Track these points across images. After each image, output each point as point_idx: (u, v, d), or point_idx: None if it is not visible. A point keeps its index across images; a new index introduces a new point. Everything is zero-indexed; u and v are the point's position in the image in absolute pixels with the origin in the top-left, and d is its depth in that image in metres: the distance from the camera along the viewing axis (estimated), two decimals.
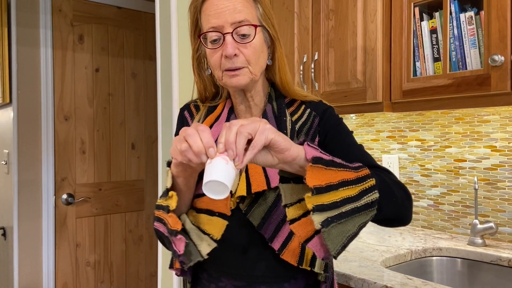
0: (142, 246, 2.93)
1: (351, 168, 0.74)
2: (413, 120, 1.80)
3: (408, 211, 0.84)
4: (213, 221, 0.85)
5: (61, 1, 2.60)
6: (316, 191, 0.69)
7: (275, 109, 0.97)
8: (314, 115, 0.97)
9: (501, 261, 1.35)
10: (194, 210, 0.89)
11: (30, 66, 2.55)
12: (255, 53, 0.90)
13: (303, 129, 0.95)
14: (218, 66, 0.91)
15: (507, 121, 1.52)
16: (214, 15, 0.87)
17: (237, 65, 0.89)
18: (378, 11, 1.51)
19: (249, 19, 0.89)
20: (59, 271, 2.59)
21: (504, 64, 1.20)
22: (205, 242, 0.82)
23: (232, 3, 0.87)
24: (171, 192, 0.78)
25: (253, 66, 0.91)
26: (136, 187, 2.91)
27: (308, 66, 1.77)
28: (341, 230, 0.70)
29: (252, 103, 0.99)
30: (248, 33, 0.88)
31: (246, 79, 0.91)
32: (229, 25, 0.87)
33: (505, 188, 1.52)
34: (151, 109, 2.96)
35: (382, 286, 1.11)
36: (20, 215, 2.51)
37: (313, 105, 1.00)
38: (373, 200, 0.73)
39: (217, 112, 1.00)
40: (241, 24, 0.87)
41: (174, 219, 0.79)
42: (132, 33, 2.89)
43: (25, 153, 2.53)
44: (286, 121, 0.95)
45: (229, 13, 0.87)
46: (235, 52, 0.88)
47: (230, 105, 1.01)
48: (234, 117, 1.00)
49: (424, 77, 1.43)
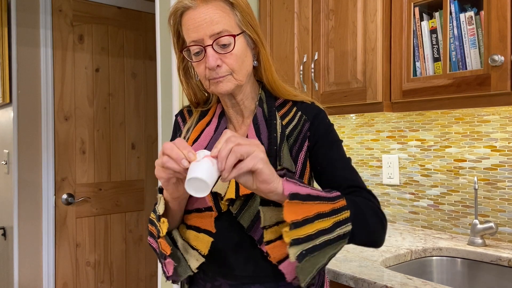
0: (142, 246, 2.93)
1: (327, 200, 0.78)
2: (413, 120, 1.80)
3: (380, 238, 0.87)
4: (199, 237, 0.90)
5: (61, 1, 2.60)
6: (294, 226, 0.74)
7: (266, 112, 0.98)
8: (304, 119, 0.97)
9: (501, 261, 1.35)
10: (184, 226, 0.94)
11: (30, 66, 2.55)
12: (238, 61, 0.91)
13: (293, 133, 0.95)
14: (204, 77, 0.93)
15: (507, 121, 1.52)
16: (193, 29, 0.88)
17: (221, 74, 0.90)
18: (378, 11, 1.51)
19: (228, 28, 0.89)
20: (59, 271, 2.59)
21: (504, 64, 1.20)
22: (193, 257, 0.89)
23: (209, 15, 0.87)
24: (162, 219, 0.83)
25: (237, 73, 0.92)
26: (136, 187, 2.91)
27: (308, 66, 1.77)
28: (313, 262, 0.76)
29: (242, 106, 1.00)
30: (228, 42, 0.89)
31: (230, 85, 0.92)
32: (208, 37, 0.87)
33: (505, 188, 1.52)
34: (151, 109, 2.96)
35: (382, 286, 1.11)
36: (20, 215, 2.51)
37: (304, 107, 0.99)
38: (345, 232, 0.78)
39: (208, 117, 1.02)
40: (219, 35, 0.88)
41: (164, 244, 0.85)
42: (132, 33, 2.89)
43: (25, 153, 2.53)
44: (276, 124, 0.95)
45: (206, 25, 0.87)
46: (217, 64, 0.89)
47: (220, 109, 1.02)
48: (225, 120, 1.01)
49: (424, 77, 1.43)
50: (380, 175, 1.92)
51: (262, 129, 0.95)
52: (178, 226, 0.94)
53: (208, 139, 0.97)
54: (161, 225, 0.84)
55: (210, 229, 0.90)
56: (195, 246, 0.90)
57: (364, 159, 1.99)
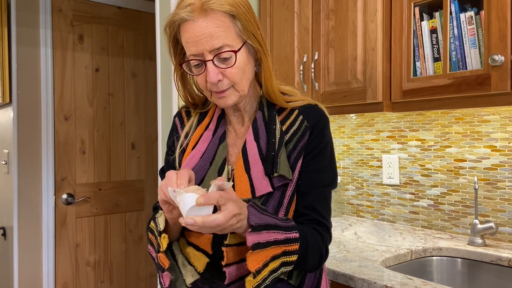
0: (142, 246, 2.93)
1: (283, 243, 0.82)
2: (413, 120, 1.80)
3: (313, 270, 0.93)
4: (197, 256, 0.91)
5: (61, 1, 2.60)
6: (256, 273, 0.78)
7: (266, 116, 0.97)
8: (306, 125, 0.96)
9: (501, 261, 1.35)
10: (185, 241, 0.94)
11: (30, 66, 2.55)
12: (239, 73, 0.89)
13: (293, 139, 0.95)
14: (205, 88, 0.92)
15: (507, 121, 1.52)
16: (193, 43, 0.86)
17: (222, 88, 0.89)
18: (378, 11, 1.51)
19: (228, 42, 0.86)
20: (59, 271, 2.59)
21: (504, 64, 1.20)
22: (189, 273, 0.90)
23: (208, 29, 0.84)
24: (163, 234, 0.85)
25: (239, 85, 0.90)
26: (136, 187, 2.91)
27: (308, 66, 1.77)
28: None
29: (243, 112, 1.00)
30: (229, 56, 0.87)
31: (234, 98, 0.92)
32: (208, 52, 0.85)
33: (505, 188, 1.52)
34: (151, 109, 2.96)
35: (382, 286, 1.11)
36: (20, 215, 2.51)
37: (307, 111, 0.98)
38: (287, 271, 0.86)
39: (206, 120, 1.01)
40: (220, 50, 0.86)
41: (164, 258, 0.86)
42: (132, 33, 2.89)
43: (25, 153, 2.53)
44: (275, 129, 0.94)
45: (206, 41, 0.84)
46: (218, 79, 0.87)
47: (219, 112, 1.01)
48: (224, 123, 1.00)
49: (424, 77, 1.43)
50: (380, 175, 1.92)
51: (261, 133, 0.95)
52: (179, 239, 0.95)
53: (206, 144, 0.97)
54: (162, 240, 0.84)
55: (207, 249, 0.91)
56: (192, 263, 0.91)
57: (364, 159, 1.99)
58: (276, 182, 0.91)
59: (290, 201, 0.93)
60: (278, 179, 0.91)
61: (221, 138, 0.98)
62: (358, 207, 2.01)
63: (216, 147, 0.97)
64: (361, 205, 2.00)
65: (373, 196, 1.95)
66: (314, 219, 0.93)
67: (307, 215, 0.93)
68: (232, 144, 1.00)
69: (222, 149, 0.97)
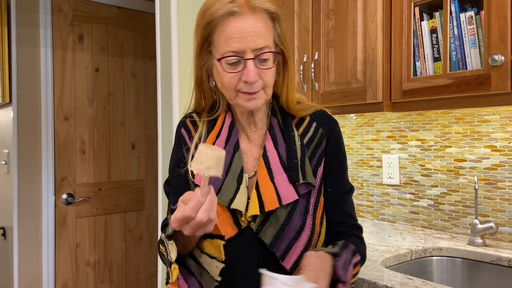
0: (142, 246, 2.92)
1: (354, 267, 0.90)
2: (413, 120, 1.80)
3: None
4: (213, 243, 0.90)
5: (61, 1, 2.60)
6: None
7: (281, 123, 0.97)
8: (321, 132, 0.97)
9: (501, 261, 1.35)
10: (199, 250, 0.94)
11: (30, 66, 2.55)
12: (273, 77, 0.90)
13: (310, 146, 0.95)
14: (233, 88, 0.88)
15: (507, 121, 1.52)
16: (237, 39, 0.83)
17: (255, 89, 0.88)
18: (378, 11, 1.51)
19: (269, 44, 0.87)
20: (59, 271, 2.59)
21: (504, 64, 1.20)
22: (213, 265, 0.89)
23: (256, 28, 0.84)
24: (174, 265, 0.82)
25: (268, 88, 0.90)
26: (136, 187, 2.91)
27: (308, 66, 1.76)
28: None
29: (257, 118, 0.98)
30: (268, 57, 0.87)
31: (262, 101, 0.91)
32: (250, 50, 0.84)
33: (505, 188, 1.52)
34: (151, 109, 2.95)
35: (382, 286, 1.11)
36: (20, 215, 2.51)
37: (319, 117, 0.99)
38: None
39: (217, 128, 0.98)
40: (262, 50, 0.85)
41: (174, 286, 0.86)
42: (132, 33, 2.89)
43: (25, 153, 2.53)
44: (294, 136, 0.94)
45: (251, 39, 0.84)
46: (256, 79, 0.86)
47: (230, 119, 0.98)
48: (236, 131, 0.98)
49: (424, 77, 1.43)
50: (380, 175, 1.92)
51: (279, 140, 0.95)
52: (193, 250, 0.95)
53: None
54: (172, 271, 0.83)
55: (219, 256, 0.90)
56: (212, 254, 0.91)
57: (364, 159, 1.99)
58: (301, 190, 0.91)
59: (315, 207, 0.94)
60: (303, 187, 0.91)
61: (235, 146, 0.95)
62: (358, 207, 2.01)
63: (232, 156, 0.94)
64: (361, 205, 2.00)
65: (373, 196, 1.95)
66: (353, 225, 0.99)
67: (346, 223, 0.98)
68: (247, 151, 0.98)
69: (238, 157, 0.94)
